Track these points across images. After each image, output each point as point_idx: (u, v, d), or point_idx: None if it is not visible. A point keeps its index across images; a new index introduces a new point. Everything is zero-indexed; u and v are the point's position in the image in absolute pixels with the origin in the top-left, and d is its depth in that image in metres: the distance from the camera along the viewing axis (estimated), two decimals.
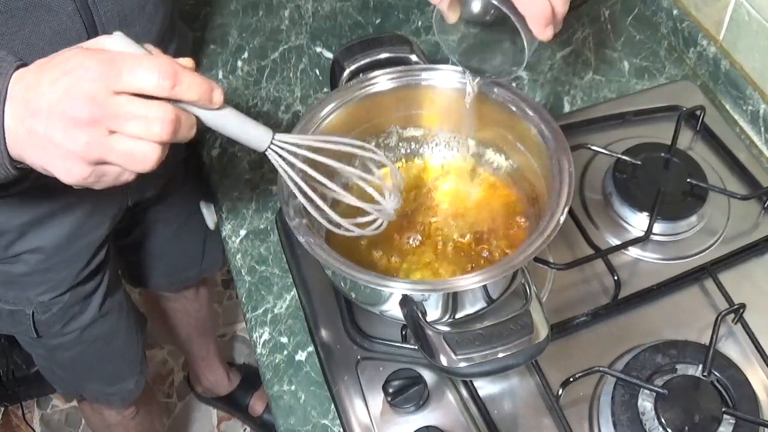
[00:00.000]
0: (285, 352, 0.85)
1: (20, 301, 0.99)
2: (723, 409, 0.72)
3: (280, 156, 0.65)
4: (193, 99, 0.57)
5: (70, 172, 0.57)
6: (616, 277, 0.84)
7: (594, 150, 0.93)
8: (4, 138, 0.57)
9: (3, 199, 0.86)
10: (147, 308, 1.73)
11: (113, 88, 0.55)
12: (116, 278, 1.11)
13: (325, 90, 1.09)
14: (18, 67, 0.57)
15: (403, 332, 0.80)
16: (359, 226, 0.70)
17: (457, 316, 0.72)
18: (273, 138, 0.63)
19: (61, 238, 0.94)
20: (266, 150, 0.64)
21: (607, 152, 0.92)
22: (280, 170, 0.66)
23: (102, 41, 0.58)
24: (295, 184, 0.66)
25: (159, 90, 0.55)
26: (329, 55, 1.14)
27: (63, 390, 1.31)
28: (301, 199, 0.67)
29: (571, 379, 0.75)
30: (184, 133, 0.57)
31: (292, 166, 0.65)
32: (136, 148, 0.56)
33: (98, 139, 0.55)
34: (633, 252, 0.89)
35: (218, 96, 0.58)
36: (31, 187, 0.81)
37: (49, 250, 0.94)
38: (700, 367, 0.75)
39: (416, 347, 0.68)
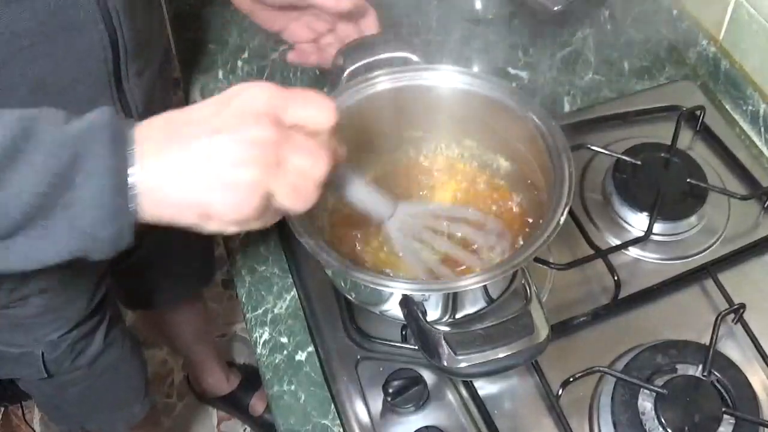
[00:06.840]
0: (285, 352, 0.85)
1: (29, 343, 0.98)
2: (723, 409, 0.72)
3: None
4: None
5: (240, 205, 0.51)
6: (616, 277, 0.83)
7: (594, 150, 0.93)
8: (131, 192, 0.49)
9: None
10: (143, 322, 1.72)
11: (283, 116, 0.52)
12: (116, 307, 1.12)
13: (325, 90, 1.09)
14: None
15: (403, 332, 0.80)
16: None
17: (457, 316, 0.72)
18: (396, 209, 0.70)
19: (66, 276, 0.93)
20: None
21: (607, 152, 0.92)
22: (398, 238, 0.71)
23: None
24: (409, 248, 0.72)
25: (323, 125, 0.53)
26: None
27: (67, 426, 1.29)
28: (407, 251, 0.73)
29: (571, 379, 0.75)
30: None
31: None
32: (302, 182, 0.52)
33: (272, 164, 0.51)
34: (633, 252, 0.89)
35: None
36: None
37: (55, 290, 0.93)
38: (700, 367, 0.75)
39: (416, 347, 0.67)
